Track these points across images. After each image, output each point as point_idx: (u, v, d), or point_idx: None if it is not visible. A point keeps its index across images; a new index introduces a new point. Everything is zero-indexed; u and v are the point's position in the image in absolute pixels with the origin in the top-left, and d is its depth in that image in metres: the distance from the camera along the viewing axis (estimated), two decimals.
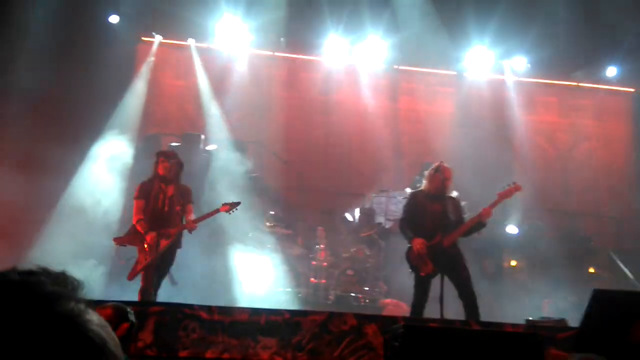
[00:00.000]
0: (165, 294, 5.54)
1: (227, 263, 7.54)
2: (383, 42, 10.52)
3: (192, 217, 5.55)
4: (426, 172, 5.94)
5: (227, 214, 5.74)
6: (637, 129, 12.12)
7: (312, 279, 8.02)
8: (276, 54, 10.94)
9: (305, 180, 9.61)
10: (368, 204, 9.69)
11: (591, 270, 9.74)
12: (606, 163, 11.71)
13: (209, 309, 4.19)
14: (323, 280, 8.02)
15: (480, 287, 8.66)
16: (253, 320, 4.21)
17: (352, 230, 9.03)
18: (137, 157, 8.44)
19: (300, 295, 7.91)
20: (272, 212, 8.51)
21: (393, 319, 4.69)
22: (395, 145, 10.90)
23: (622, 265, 9.50)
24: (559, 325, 4.98)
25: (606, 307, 3.79)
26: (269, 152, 9.83)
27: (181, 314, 3.95)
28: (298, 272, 8.10)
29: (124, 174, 8.26)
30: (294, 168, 9.65)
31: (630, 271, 9.40)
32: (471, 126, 10.96)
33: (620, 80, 11.68)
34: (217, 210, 5.63)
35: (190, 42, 10.47)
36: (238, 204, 5.74)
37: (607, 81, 11.67)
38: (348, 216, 9.41)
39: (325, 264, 8.12)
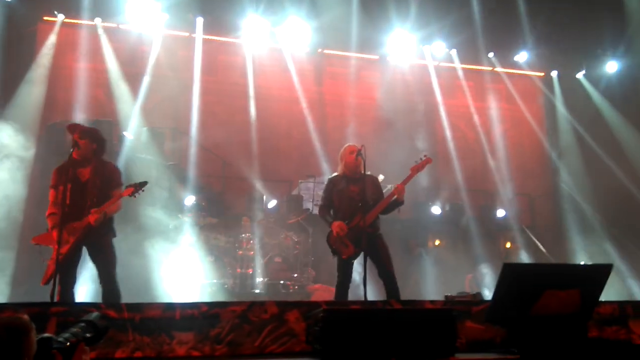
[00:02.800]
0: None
1: (146, 257, 7.18)
2: (306, 25, 10.39)
3: (120, 204, 5.01)
4: (340, 155, 5.87)
5: (132, 197, 5.07)
6: (547, 111, 12.75)
7: (239, 269, 7.86)
8: (193, 35, 10.42)
9: (229, 167, 9.35)
10: (295, 191, 9.61)
11: (508, 245, 10.19)
12: (519, 144, 12.27)
13: (118, 306, 3.96)
14: (250, 270, 7.88)
15: (407, 266, 8.91)
16: (167, 315, 4.00)
17: (279, 217, 8.93)
18: (38, 151, 7.75)
19: (226, 286, 7.73)
20: (194, 202, 8.25)
21: (316, 304, 4.61)
22: (321, 130, 10.87)
23: (535, 240, 10.01)
24: (475, 299, 5.12)
25: (516, 279, 3.90)
26: (189, 139, 9.48)
27: (86, 314, 3.69)
28: (223, 263, 7.91)
29: (24, 171, 7.52)
30: (216, 155, 9.36)
31: (543, 245, 9.92)
32: (393, 110, 11.10)
33: (530, 65, 12.22)
34: (120, 195, 4.98)
35: (97, 21, 9.83)
36: (144, 184, 5.08)
37: (519, 66, 12.19)
38: (275, 203, 9.29)
39: (251, 252, 7.98)
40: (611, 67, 12.08)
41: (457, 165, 11.34)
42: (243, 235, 8.08)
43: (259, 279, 7.88)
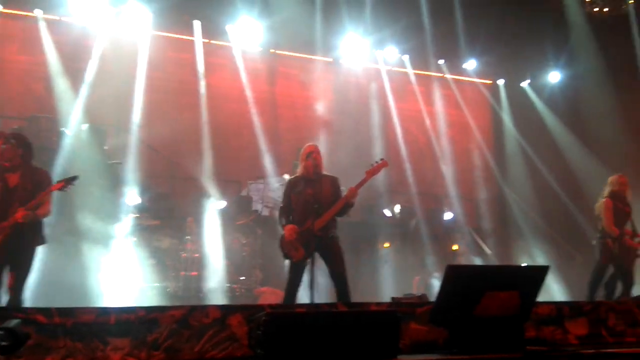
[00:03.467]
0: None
1: (83, 260, 6.87)
2: (258, 24, 10.28)
3: (49, 207, 4.91)
4: (299, 157, 5.85)
5: (62, 191, 4.94)
6: (495, 118, 13.11)
7: (182, 272, 7.65)
8: (141, 30, 10.03)
9: (176, 167, 9.09)
10: (244, 192, 9.47)
11: (455, 247, 10.39)
12: (467, 149, 12.55)
13: (48, 311, 3.75)
14: (194, 273, 7.68)
15: (357, 268, 8.92)
16: (101, 320, 3.82)
17: (227, 218, 8.76)
18: None
19: (169, 289, 7.52)
20: (136, 202, 7.97)
21: (260, 308, 4.53)
22: (273, 131, 10.77)
23: (481, 242, 10.25)
24: (420, 300, 5.15)
25: (459, 281, 3.96)
26: (133, 137, 9.17)
27: (6, 320, 3.47)
28: (166, 266, 7.68)
29: None
30: (162, 154, 9.09)
31: (488, 247, 10.18)
32: (346, 113, 11.13)
33: (479, 73, 12.55)
34: (50, 190, 4.85)
35: (37, 13, 9.36)
36: (74, 178, 4.97)
37: (468, 73, 12.49)
38: (223, 204, 9.11)
39: (196, 255, 7.78)
40: (554, 77, 12.52)
41: (408, 169, 11.50)
42: (188, 237, 7.88)
43: (204, 283, 7.68)
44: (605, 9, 10.73)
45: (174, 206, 8.70)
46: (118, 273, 7.02)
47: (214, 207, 8.55)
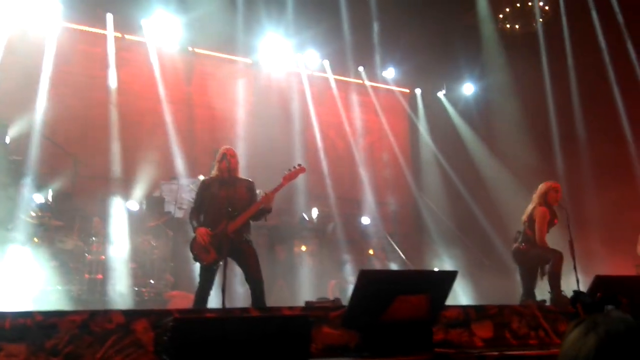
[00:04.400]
0: None
1: None
2: (175, 20, 9.95)
3: None
4: (215, 159, 5.72)
5: None
6: (411, 126, 13.49)
7: (87, 275, 7.21)
8: (50, 21, 9.46)
9: (83, 165, 8.57)
10: (156, 192, 9.09)
11: (370, 251, 10.54)
12: (385, 155, 12.81)
13: None
14: (99, 276, 7.26)
15: (273, 272, 8.82)
16: None
17: (137, 220, 8.36)
18: None
19: (72, 293, 7.05)
20: (39, 202, 7.42)
21: (167, 313, 4.34)
22: (188, 131, 10.45)
23: (396, 247, 10.47)
24: (334, 305, 5.15)
25: (371, 285, 3.98)
26: (37, 132, 8.55)
27: None
28: (70, 268, 7.21)
29: None
30: (67, 151, 8.53)
31: (403, 252, 10.41)
32: (265, 116, 11.02)
33: (397, 81, 12.88)
34: None
35: None
36: None
37: (387, 81, 12.79)
38: (133, 204, 8.70)
39: (102, 257, 7.36)
40: (468, 89, 13.08)
41: (327, 173, 11.55)
42: (94, 238, 7.44)
43: (110, 286, 7.27)
44: (516, 26, 11.32)
45: (79, 206, 8.18)
46: (17, 275, 6.48)
47: (122, 208, 8.14)
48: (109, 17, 9.81)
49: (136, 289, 7.43)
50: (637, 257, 7.65)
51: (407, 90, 13.46)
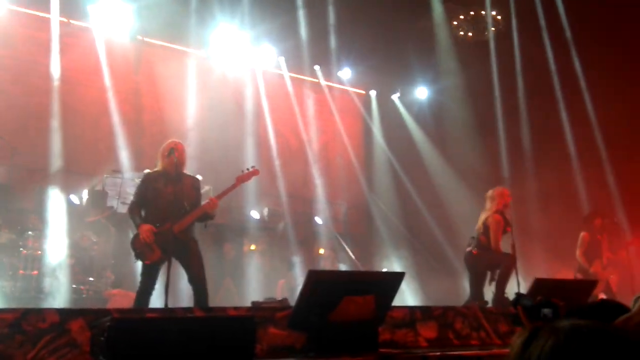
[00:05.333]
0: None
1: None
2: (125, 7, 9.59)
3: None
4: (159, 152, 5.46)
5: None
6: (365, 128, 13.53)
7: (21, 271, 6.84)
8: None
9: (21, 156, 8.10)
10: (99, 185, 8.72)
11: (321, 251, 10.50)
12: (338, 156, 12.79)
13: None
14: (35, 272, 6.89)
15: (220, 271, 8.62)
16: None
17: (78, 214, 8.00)
18: None
19: (4, 289, 6.68)
20: None
21: (105, 312, 4.15)
22: (135, 123, 10.09)
23: (346, 247, 10.47)
24: (281, 305, 5.06)
25: (319, 286, 3.92)
26: None
27: None
28: (3, 263, 6.82)
29: None
30: (3, 139, 8.04)
31: (353, 252, 10.42)
32: (217, 110, 10.78)
33: (352, 82, 12.89)
34: None
35: None
36: None
37: (342, 81, 12.78)
38: (74, 198, 8.31)
39: (38, 252, 6.99)
40: (422, 93, 13.22)
41: (279, 171, 11.42)
42: (30, 232, 7.05)
43: (45, 283, 6.91)
44: (470, 34, 11.53)
45: (14, 198, 7.75)
46: None
47: (62, 201, 7.76)
48: (54, 0, 9.34)
49: (74, 286, 7.09)
50: (576, 262, 7.77)
51: (363, 92, 13.49)
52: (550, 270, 8.67)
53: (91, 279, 7.31)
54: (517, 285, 6.07)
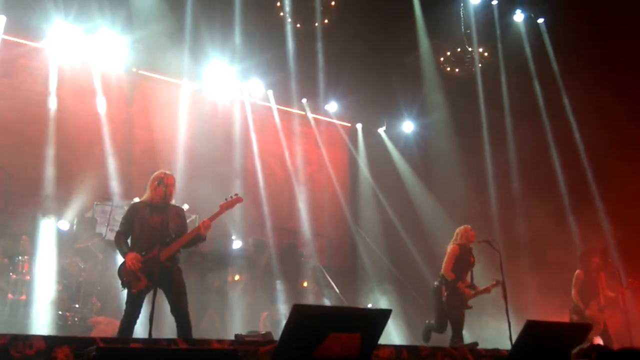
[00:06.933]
0: None
1: None
2: (121, 40, 9.87)
3: None
4: (149, 182, 5.59)
5: None
6: (351, 160, 13.71)
7: (10, 295, 6.90)
8: None
9: (15, 182, 8.22)
10: (89, 213, 8.84)
11: (305, 284, 10.49)
12: (324, 188, 12.92)
13: None
14: (23, 297, 6.96)
15: (203, 301, 8.65)
16: None
17: (67, 240, 8.09)
18: None
19: None
20: None
21: (90, 340, 4.20)
22: (127, 152, 10.26)
23: (330, 280, 10.48)
24: (264, 339, 5.00)
25: (304, 321, 3.88)
26: None
27: None
28: None
29: None
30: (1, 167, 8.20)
31: (337, 285, 10.42)
32: (206, 141, 10.97)
33: (339, 115, 13.15)
34: None
35: None
36: None
37: (329, 114, 13.04)
38: (64, 224, 8.41)
39: (27, 277, 7.07)
40: (408, 126, 13.48)
41: (265, 202, 11.52)
42: (20, 257, 7.14)
43: (33, 309, 6.97)
44: (456, 70, 11.82)
45: (6, 223, 7.84)
46: None
47: (53, 227, 7.86)
48: (51, 32, 9.60)
49: (60, 312, 7.14)
50: (570, 301, 7.45)
51: (349, 125, 13.74)
52: (545, 312, 8.43)
53: (77, 305, 7.36)
54: (508, 328, 5.88)
